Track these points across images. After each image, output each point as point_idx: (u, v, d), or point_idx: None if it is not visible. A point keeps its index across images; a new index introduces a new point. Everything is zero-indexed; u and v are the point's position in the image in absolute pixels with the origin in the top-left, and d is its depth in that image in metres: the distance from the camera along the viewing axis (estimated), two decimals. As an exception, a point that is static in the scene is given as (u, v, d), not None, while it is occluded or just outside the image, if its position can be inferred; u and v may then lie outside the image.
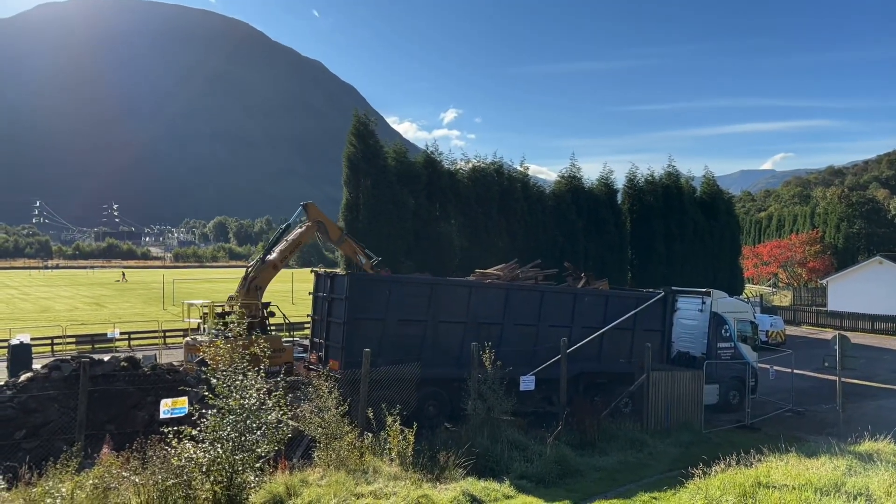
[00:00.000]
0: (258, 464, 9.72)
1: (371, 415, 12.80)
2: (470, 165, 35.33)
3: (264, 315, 21.99)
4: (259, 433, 9.67)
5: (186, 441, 9.39)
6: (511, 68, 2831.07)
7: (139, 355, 17.89)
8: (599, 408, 17.49)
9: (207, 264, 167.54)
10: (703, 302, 22.83)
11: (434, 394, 17.59)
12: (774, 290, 71.39)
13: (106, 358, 15.19)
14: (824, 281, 55.40)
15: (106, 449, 10.52)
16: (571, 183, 38.56)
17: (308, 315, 21.58)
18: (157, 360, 20.69)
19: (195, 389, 13.82)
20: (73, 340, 33.76)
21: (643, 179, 41.50)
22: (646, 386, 17.91)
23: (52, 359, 16.35)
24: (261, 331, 20.40)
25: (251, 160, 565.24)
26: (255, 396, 9.88)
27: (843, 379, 19.51)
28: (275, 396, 10.25)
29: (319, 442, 12.07)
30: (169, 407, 10.96)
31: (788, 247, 68.31)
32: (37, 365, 17.42)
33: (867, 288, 47.30)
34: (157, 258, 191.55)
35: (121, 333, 33.18)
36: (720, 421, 19.97)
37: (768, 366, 22.73)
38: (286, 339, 23.89)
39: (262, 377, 10.31)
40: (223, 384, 9.75)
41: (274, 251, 22.43)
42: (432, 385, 17.36)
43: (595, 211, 37.92)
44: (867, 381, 26.50)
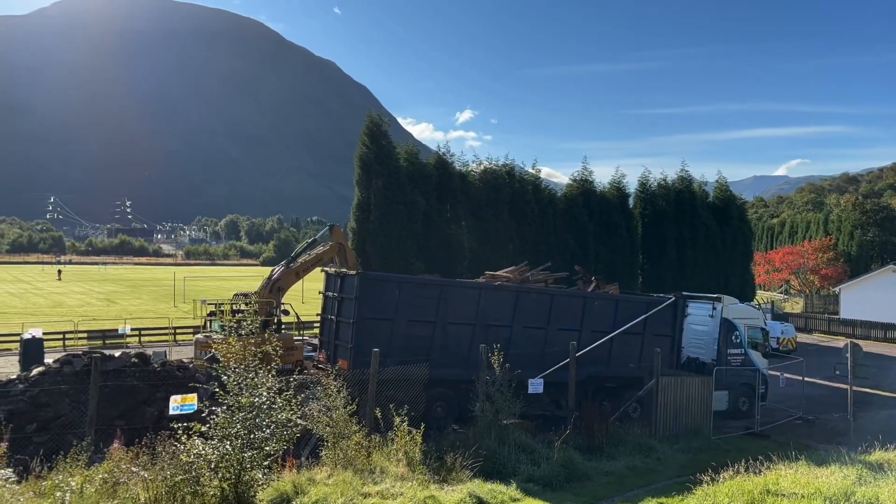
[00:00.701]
0: (266, 461, 9.76)
1: (379, 415, 12.84)
2: (481, 167, 35.39)
3: (278, 315, 22.52)
4: (268, 431, 9.70)
5: (195, 437, 9.43)
6: (525, 70, 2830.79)
7: (150, 351, 17.99)
8: (608, 412, 17.44)
9: (218, 262, 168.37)
10: (714, 308, 22.71)
11: (442, 395, 17.61)
12: (786, 297, 70.89)
13: (117, 353, 15.30)
14: (837, 288, 54.98)
15: (116, 444, 10.58)
16: (583, 186, 38.58)
17: (318, 314, 21.68)
18: (168, 357, 20.81)
19: (205, 386, 13.87)
20: (85, 336, 34.06)
21: (655, 184, 41.45)
22: (655, 391, 17.84)
23: (64, 353, 16.46)
24: (275, 329, 20.74)
25: (264, 159, 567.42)
26: (266, 394, 9.92)
27: (855, 388, 19.37)
28: (285, 395, 10.28)
29: (327, 441, 12.09)
30: (178, 403, 11.02)
31: (801, 253, 67.90)
32: (49, 359, 17.55)
33: (880, 296, 46.89)
34: (169, 255, 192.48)
35: (132, 329, 33.47)
36: (729, 427, 19.85)
37: (779, 373, 22.58)
38: (296, 338, 24.07)
39: (273, 375, 10.36)
40: (234, 381, 9.81)
41: (298, 260, 23.55)
42: (440, 386, 17.38)
43: (606, 215, 37.86)
44: (878, 391, 26.25)
